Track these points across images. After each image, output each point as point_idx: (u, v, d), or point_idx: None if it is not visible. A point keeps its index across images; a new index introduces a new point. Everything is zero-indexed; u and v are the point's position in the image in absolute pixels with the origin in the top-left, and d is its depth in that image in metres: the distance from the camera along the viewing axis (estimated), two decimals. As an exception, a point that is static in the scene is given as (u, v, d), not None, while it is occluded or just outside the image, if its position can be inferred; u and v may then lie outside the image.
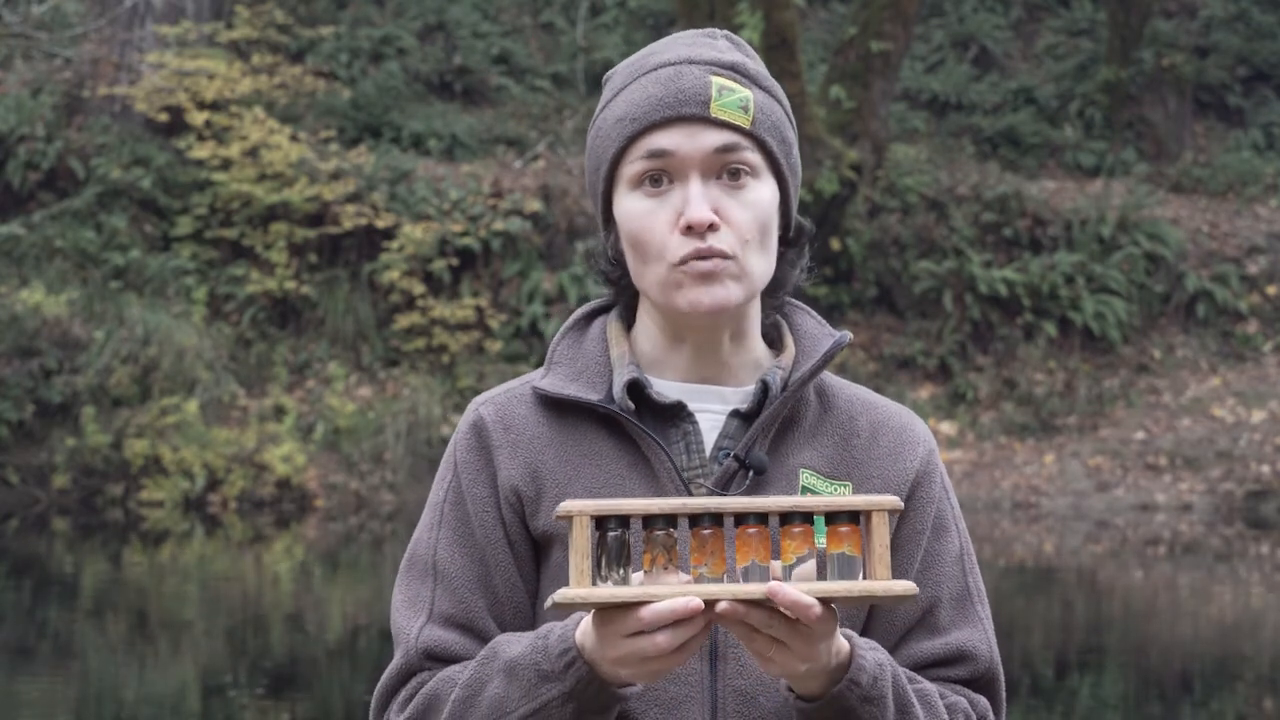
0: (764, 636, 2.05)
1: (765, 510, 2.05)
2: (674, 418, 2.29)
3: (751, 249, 2.25)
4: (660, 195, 2.25)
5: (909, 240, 18.17)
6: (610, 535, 2.05)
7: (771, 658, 2.08)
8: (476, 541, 2.29)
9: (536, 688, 2.15)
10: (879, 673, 2.16)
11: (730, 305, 2.25)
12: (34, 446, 16.00)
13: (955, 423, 17.27)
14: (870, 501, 2.05)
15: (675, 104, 2.25)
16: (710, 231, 2.23)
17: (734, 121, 2.25)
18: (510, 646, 2.19)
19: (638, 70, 2.30)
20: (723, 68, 2.28)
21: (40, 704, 8.88)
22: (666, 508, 2.04)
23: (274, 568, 13.82)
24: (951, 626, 2.32)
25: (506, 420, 2.32)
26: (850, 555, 2.05)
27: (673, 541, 2.05)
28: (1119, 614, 12.12)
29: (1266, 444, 16.73)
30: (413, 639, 2.28)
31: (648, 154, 2.25)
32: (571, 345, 2.36)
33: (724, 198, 2.25)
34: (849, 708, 2.14)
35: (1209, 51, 21.71)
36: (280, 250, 17.36)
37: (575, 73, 20.70)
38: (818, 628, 2.05)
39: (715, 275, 2.23)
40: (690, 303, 2.24)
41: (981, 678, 2.32)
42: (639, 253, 2.27)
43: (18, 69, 18.94)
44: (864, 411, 2.36)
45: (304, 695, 9.32)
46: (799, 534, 2.06)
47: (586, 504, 2.03)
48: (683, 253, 2.23)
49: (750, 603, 2.02)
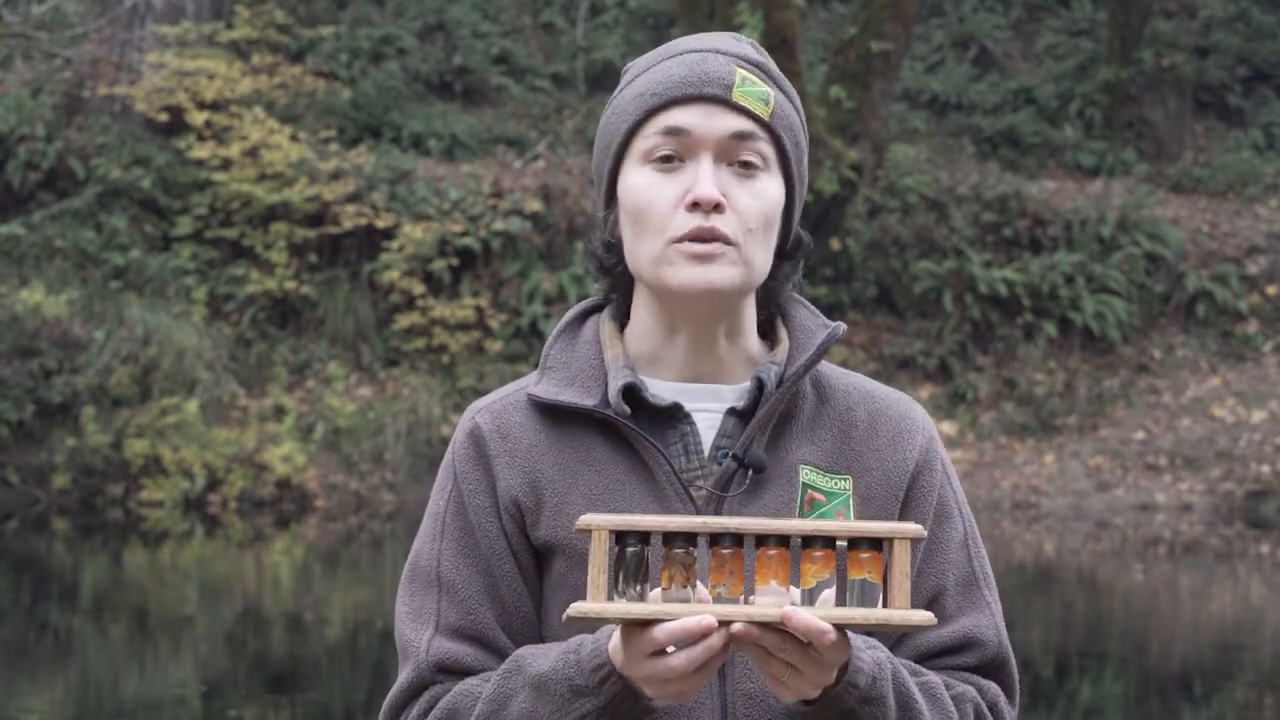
0: (778, 660, 2.04)
1: (786, 533, 2.04)
2: (671, 419, 2.28)
3: (754, 239, 2.24)
4: (669, 172, 2.24)
5: (909, 240, 18.17)
6: (629, 551, 2.04)
7: (784, 681, 2.06)
8: (481, 552, 2.27)
9: (570, 703, 2.13)
10: (878, 672, 2.15)
11: (725, 288, 2.23)
12: (34, 446, 16.00)
13: (955, 423, 17.27)
14: (893, 529, 2.04)
15: (699, 83, 2.25)
16: (715, 212, 2.22)
17: (754, 110, 2.25)
18: (537, 661, 2.17)
19: (661, 55, 2.31)
20: (748, 63, 2.28)
21: (40, 704, 8.87)
22: (687, 525, 2.03)
23: (274, 568, 13.81)
24: (958, 613, 2.30)
25: (503, 429, 2.30)
26: (871, 582, 2.04)
27: (692, 560, 2.04)
28: (1119, 614, 12.12)
29: (1266, 444, 16.73)
30: (423, 652, 2.25)
31: (664, 129, 2.24)
32: (565, 349, 2.34)
33: (733, 183, 2.24)
34: (848, 710, 2.13)
35: (1209, 51, 21.71)
36: (280, 250, 17.36)
37: (575, 73, 20.70)
38: (829, 655, 2.03)
39: (712, 257, 2.21)
40: (683, 282, 2.22)
41: (990, 663, 2.31)
42: (638, 226, 2.25)
43: (18, 69, 18.94)
44: (862, 401, 2.34)
45: (304, 695, 9.32)
46: (820, 558, 2.04)
47: (607, 519, 2.02)
48: (684, 229, 2.22)
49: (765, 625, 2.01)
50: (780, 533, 2.03)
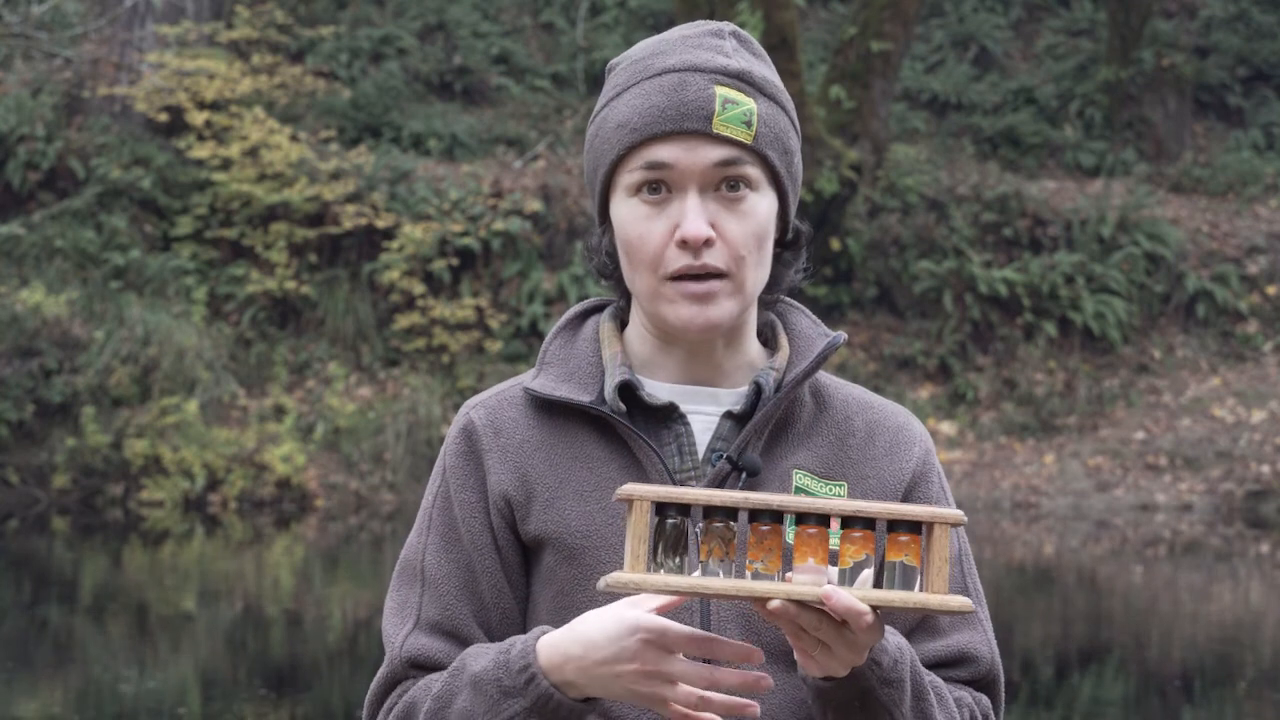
0: (811, 637, 2.05)
1: (827, 512, 2.05)
2: (666, 419, 2.28)
3: (747, 264, 2.24)
4: (657, 204, 2.24)
5: (909, 240, 18.17)
6: (669, 523, 2.05)
7: (814, 657, 2.08)
8: (463, 547, 2.28)
9: (499, 703, 2.15)
10: (899, 656, 2.16)
11: (723, 324, 2.24)
12: (34, 446, 16.00)
13: (955, 423, 17.27)
14: (934, 513, 2.04)
15: (677, 117, 2.22)
16: (705, 247, 2.22)
17: (736, 137, 2.23)
18: (477, 660, 2.19)
19: (641, 72, 2.27)
20: (728, 76, 2.25)
21: (40, 704, 8.87)
22: (729, 500, 2.04)
23: (274, 568, 13.82)
24: (952, 629, 2.31)
25: (497, 424, 2.30)
26: (910, 565, 2.05)
27: (731, 534, 2.05)
28: (1119, 614, 12.12)
29: (1266, 444, 16.73)
30: (397, 647, 2.28)
31: (647, 165, 2.23)
32: (563, 346, 2.35)
33: (721, 211, 2.23)
34: (868, 689, 2.14)
35: (1209, 51, 21.71)
36: (280, 250, 17.36)
37: (575, 73, 20.70)
38: (863, 637, 2.05)
39: (709, 296, 2.22)
40: (682, 321, 2.23)
41: (982, 679, 2.32)
42: (632, 260, 2.26)
43: (18, 69, 18.94)
44: (860, 411, 2.34)
45: (304, 695, 9.32)
46: (859, 538, 2.05)
47: (649, 489, 2.03)
48: (676, 266, 2.22)
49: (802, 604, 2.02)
50: (821, 511, 2.04)
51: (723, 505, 2.04)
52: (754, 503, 2.04)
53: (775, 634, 2.22)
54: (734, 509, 2.04)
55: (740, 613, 2.23)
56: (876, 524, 2.06)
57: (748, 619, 2.23)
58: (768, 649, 2.23)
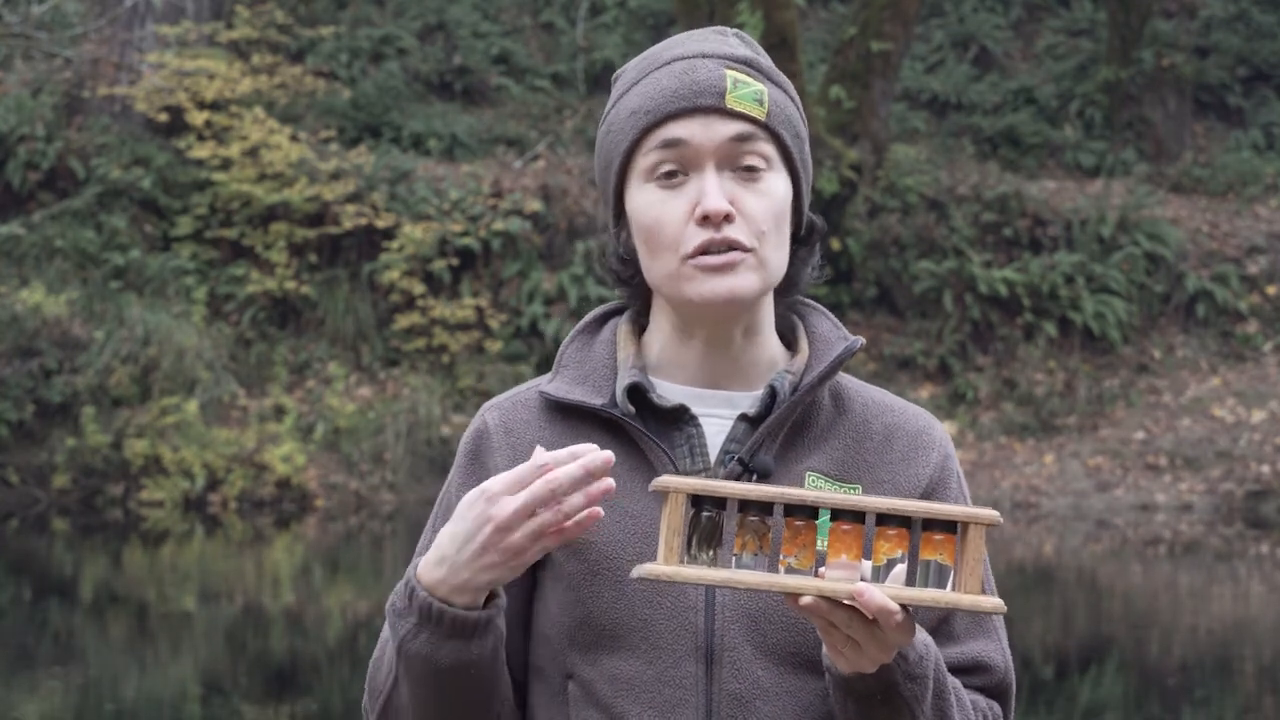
0: (841, 633, 2.06)
1: (862, 509, 2.05)
2: (677, 421, 2.28)
3: (768, 240, 2.24)
4: (674, 188, 2.24)
5: (909, 240, 18.17)
6: (704, 516, 2.05)
7: (843, 653, 2.08)
8: None
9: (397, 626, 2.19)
10: (925, 652, 2.16)
11: (746, 295, 2.24)
12: (34, 446, 16.00)
13: (955, 423, 17.27)
14: (970, 513, 2.05)
15: (691, 95, 2.24)
16: (726, 222, 2.22)
17: (749, 113, 2.24)
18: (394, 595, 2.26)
19: (650, 65, 2.30)
20: (736, 62, 2.27)
21: (40, 704, 8.87)
22: (766, 495, 2.04)
23: (274, 568, 13.82)
24: (967, 636, 2.31)
25: (509, 425, 2.32)
26: (944, 564, 2.05)
27: (766, 529, 2.06)
28: (1119, 614, 12.12)
29: (1266, 444, 16.73)
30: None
31: (662, 144, 2.24)
32: (580, 349, 2.36)
33: (739, 189, 2.24)
34: (892, 682, 2.14)
35: (1209, 51, 21.71)
36: (280, 250, 17.36)
37: (575, 73, 20.70)
38: (893, 636, 2.05)
39: (730, 266, 2.22)
40: (704, 296, 2.23)
41: (996, 688, 2.32)
42: (651, 245, 2.25)
43: (18, 69, 18.94)
44: (879, 415, 2.35)
45: (304, 695, 9.33)
46: (893, 536, 2.06)
47: (685, 481, 2.04)
48: (696, 243, 2.22)
49: (833, 601, 2.03)
50: (856, 508, 2.05)
51: (759, 500, 2.04)
52: (790, 498, 2.04)
53: (783, 638, 2.22)
54: (769, 504, 2.05)
55: (746, 612, 2.23)
56: (911, 522, 2.06)
57: (754, 619, 2.23)
58: (776, 653, 2.23)
